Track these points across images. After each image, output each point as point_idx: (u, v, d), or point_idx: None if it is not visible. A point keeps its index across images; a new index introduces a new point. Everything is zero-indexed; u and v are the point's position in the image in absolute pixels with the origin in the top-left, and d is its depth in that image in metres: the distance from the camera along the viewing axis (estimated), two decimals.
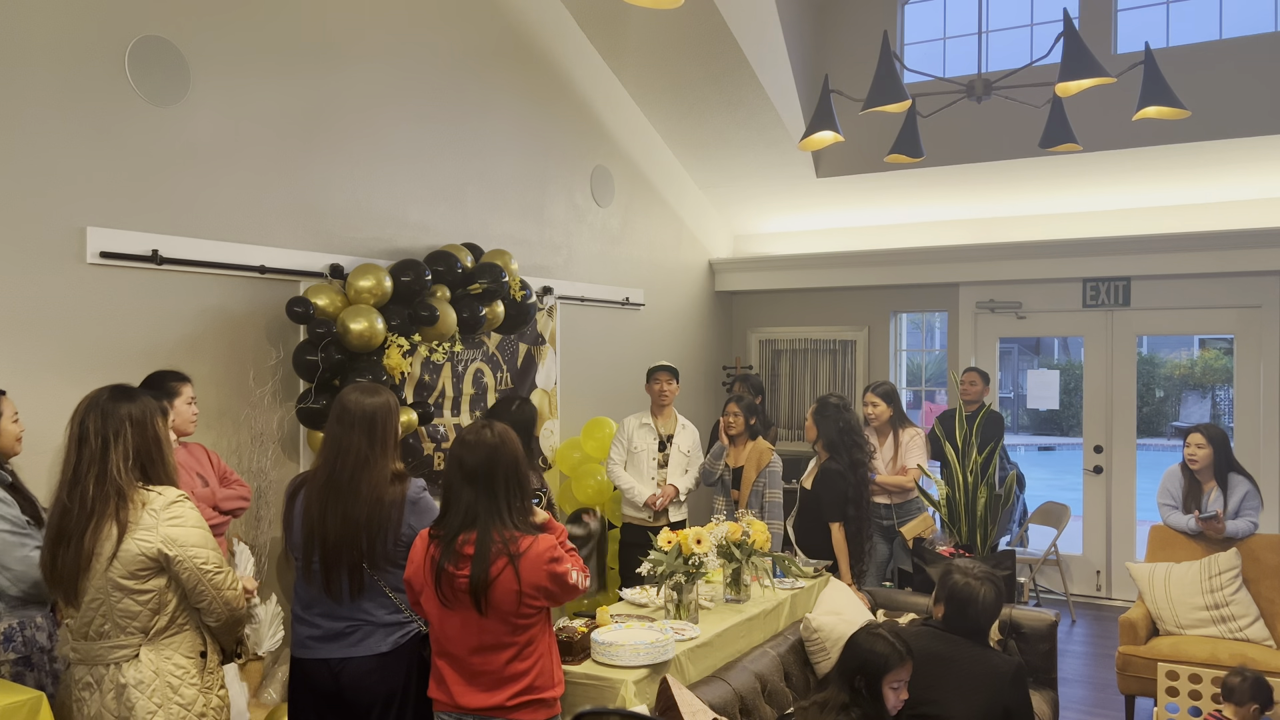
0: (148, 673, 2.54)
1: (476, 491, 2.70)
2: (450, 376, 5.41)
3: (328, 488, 2.97)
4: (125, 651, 2.56)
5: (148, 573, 2.54)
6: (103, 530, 2.53)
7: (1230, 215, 6.80)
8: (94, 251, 3.91)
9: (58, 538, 2.57)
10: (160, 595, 2.57)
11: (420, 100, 5.40)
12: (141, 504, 2.56)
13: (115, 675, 2.55)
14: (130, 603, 2.54)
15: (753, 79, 6.60)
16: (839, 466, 5.08)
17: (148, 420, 2.65)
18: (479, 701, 2.67)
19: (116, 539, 2.51)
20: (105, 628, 2.55)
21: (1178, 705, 4.10)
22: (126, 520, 2.52)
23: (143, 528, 2.54)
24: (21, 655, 3.06)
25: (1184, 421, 18.01)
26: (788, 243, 8.42)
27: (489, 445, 2.73)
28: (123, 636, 2.56)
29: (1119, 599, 7.39)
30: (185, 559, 2.56)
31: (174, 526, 2.56)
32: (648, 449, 5.48)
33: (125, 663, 2.55)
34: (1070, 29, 4.06)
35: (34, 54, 3.74)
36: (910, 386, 9.81)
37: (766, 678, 3.56)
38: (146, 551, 2.52)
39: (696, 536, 3.63)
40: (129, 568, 2.52)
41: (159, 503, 2.58)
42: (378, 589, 2.98)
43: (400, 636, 3.00)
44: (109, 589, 2.53)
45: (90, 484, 2.55)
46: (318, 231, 4.84)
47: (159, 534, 2.54)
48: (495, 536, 2.65)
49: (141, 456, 2.62)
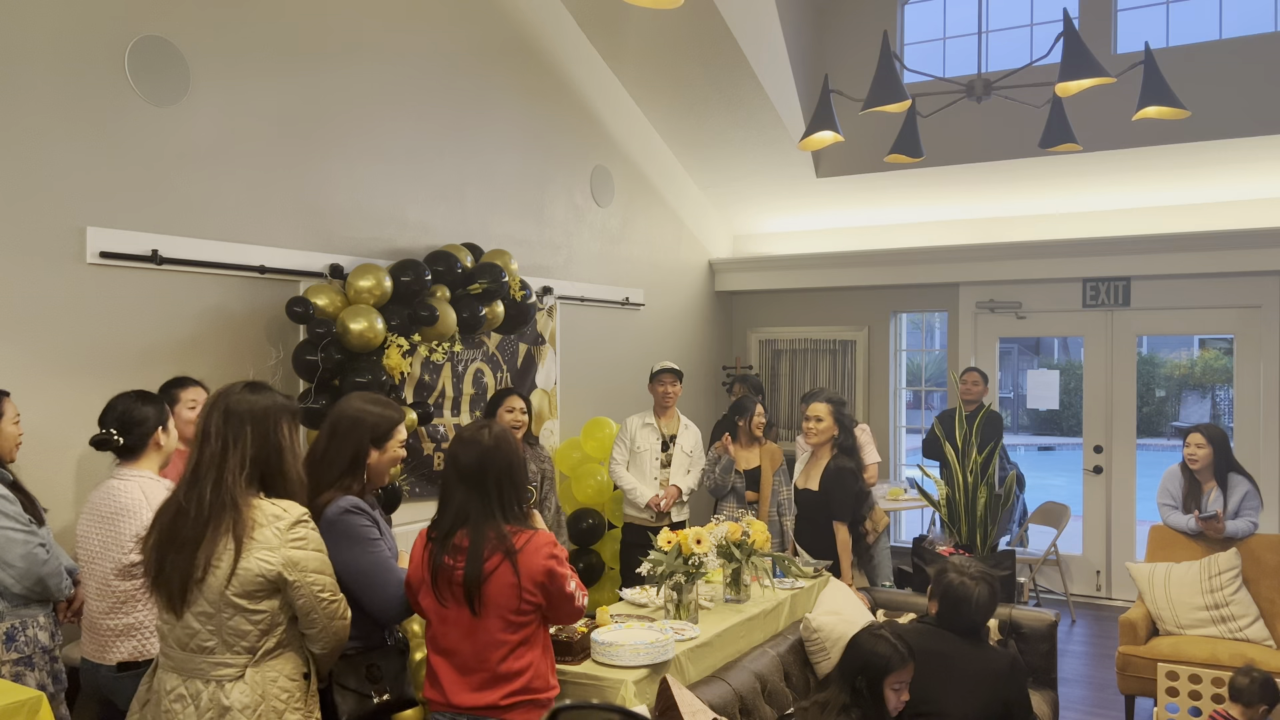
0: (254, 696, 2.39)
1: (469, 491, 2.68)
2: (450, 376, 5.41)
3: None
4: (230, 670, 2.39)
5: (263, 593, 2.39)
6: (219, 542, 2.36)
7: (1230, 215, 6.80)
8: (94, 251, 3.91)
9: (169, 541, 2.39)
10: (273, 616, 2.41)
11: (420, 100, 5.40)
12: (263, 520, 2.39)
13: (217, 694, 2.38)
14: (242, 621, 2.38)
15: (753, 79, 6.60)
16: (851, 464, 4.98)
17: (271, 424, 2.46)
18: (473, 700, 2.67)
19: (235, 554, 2.35)
20: (211, 643, 2.39)
21: (1178, 705, 4.10)
22: (243, 536, 2.35)
23: (266, 547, 2.37)
24: (24, 655, 3.07)
25: (1184, 421, 18.01)
26: (788, 243, 8.42)
27: (483, 446, 2.70)
28: (229, 654, 2.39)
29: (1119, 599, 7.39)
30: (304, 584, 2.41)
31: (297, 549, 2.40)
32: (651, 449, 5.49)
33: (229, 682, 2.38)
34: (1070, 29, 4.06)
35: (34, 54, 3.75)
36: (910, 386, 9.81)
37: (766, 678, 3.56)
38: (266, 573, 2.36)
39: (696, 536, 3.62)
40: (246, 587, 2.36)
41: (284, 521, 2.41)
42: None
43: None
44: (222, 604, 2.37)
45: (208, 489, 2.38)
46: (318, 231, 4.84)
47: (281, 555, 2.38)
48: (490, 534, 2.64)
49: (260, 464, 2.44)
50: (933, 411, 8.56)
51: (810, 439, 5.06)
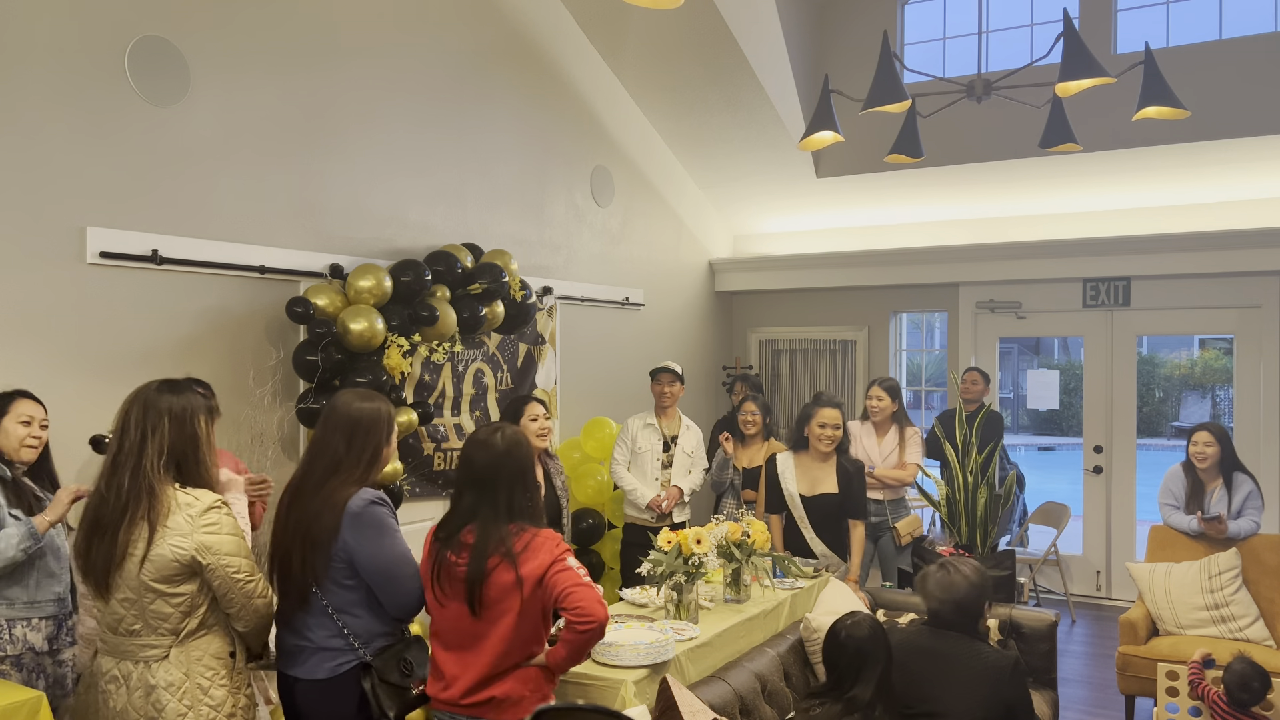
0: (178, 674, 2.51)
1: (480, 492, 2.72)
2: (450, 376, 5.41)
3: (293, 492, 2.80)
4: (155, 651, 2.53)
5: (180, 577, 2.51)
6: (136, 528, 2.49)
7: (1230, 215, 6.80)
8: (94, 251, 3.92)
9: (93, 528, 2.53)
10: (192, 599, 2.54)
11: (420, 100, 5.40)
12: (176, 507, 2.52)
13: (144, 674, 2.52)
14: (162, 604, 2.51)
15: (753, 79, 6.60)
16: (855, 468, 4.89)
17: (188, 417, 2.58)
18: (470, 679, 2.69)
19: (148, 540, 2.48)
20: (136, 626, 2.52)
21: (1178, 705, 4.09)
22: (157, 522, 2.48)
23: (178, 533, 2.49)
24: (8, 655, 3.03)
25: (1184, 422, 18.01)
26: (787, 243, 8.42)
27: (494, 450, 2.73)
28: (153, 636, 2.52)
29: (1119, 599, 7.39)
30: (218, 567, 2.52)
31: (210, 534, 2.52)
32: (652, 450, 5.48)
33: (155, 663, 2.52)
34: (1070, 29, 4.06)
35: (34, 54, 3.75)
36: (910, 386, 9.81)
37: (766, 678, 3.56)
38: (180, 558, 2.49)
39: (696, 536, 3.63)
40: (161, 571, 2.49)
41: (196, 508, 2.53)
42: (320, 608, 2.73)
43: (338, 665, 2.73)
44: (141, 589, 2.49)
45: (125, 477, 2.51)
46: (318, 231, 4.84)
47: (194, 540, 2.49)
48: (494, 535, 2.68)
49: (176, 454, 2.56)
50: (933, 411, 8.56)
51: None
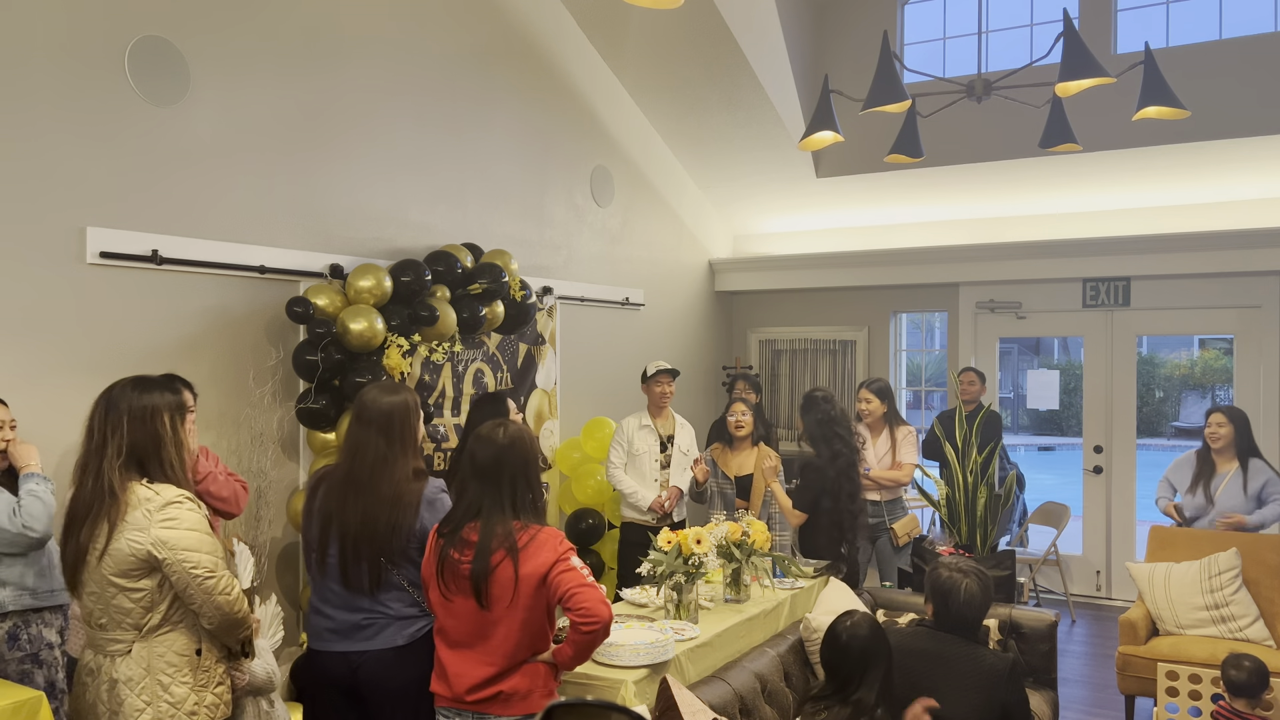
0: (138, 670, 2.53)
1: (483, 487, 2.76)
2: (450, 376, 5.41)
3: (347, 484, 3.03)
4: (120, 646, 2.55)
5: (139, 572, 2.52)
6: (98, 526, 2.53)
7: (1230, 215, 6.81)
8: (94, 251, 3.91)
9: (68, 525, 2.58)
10: (152, 594, 2.55)
11: (420, 100, 5.40)
12: (136, 503, 2.53)
13: (110, 668, 2.55)
14: (124, 599, 2.53)
15: (753, 79, 6.60)
16: (819, 462, 4.95)
17: (148, 415, 2.60)
18: (476, 676, 2.70)
19: (107, 536, 2.51)
20: (104, 620, 2.56)
21: (1178, 705, 4.09)
22: (116, 519, 2.51)
23: (135, 528, 2.51)
24: (28, 653, 3.06)
25: (1184, 422, 18.02)
26: (787, 243, 8.42)
27: (498, 444, 2.79)
28: (119, 631, 2.55)
29: (1119, 599, 7.39)
30: (175, 562, 2.51)
31: (166, 529, 2.51)
32: (649, 451, 5.44)
33: (119, 657, 2.54)
34: (1070, 29, 4.06)
35: (34, 54, 3.75)
36: (910, 386, 9.81)
37: (766, 678, 3.56)
38: (136, 552, 2.50)
39: (696, 536, 3.63)
40: (120, 566, 2.51)
41: (155, 503, 2.54)
42: (395, 583, 3.03)
43: (416, 630, 3.03)
44: (104, 584, 2.53)
45: (90, 478, 2.56)
46: (318, 231, 4.84)
47: (150, 535, 2.50)
48: (498, 530, 2.68)
49: (138, 452, 2.57)
50: (933, 411, 8.56)
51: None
